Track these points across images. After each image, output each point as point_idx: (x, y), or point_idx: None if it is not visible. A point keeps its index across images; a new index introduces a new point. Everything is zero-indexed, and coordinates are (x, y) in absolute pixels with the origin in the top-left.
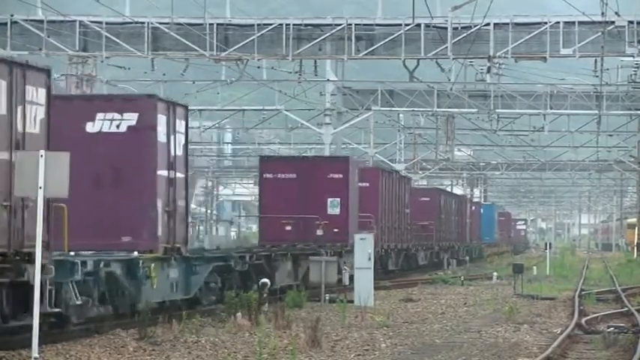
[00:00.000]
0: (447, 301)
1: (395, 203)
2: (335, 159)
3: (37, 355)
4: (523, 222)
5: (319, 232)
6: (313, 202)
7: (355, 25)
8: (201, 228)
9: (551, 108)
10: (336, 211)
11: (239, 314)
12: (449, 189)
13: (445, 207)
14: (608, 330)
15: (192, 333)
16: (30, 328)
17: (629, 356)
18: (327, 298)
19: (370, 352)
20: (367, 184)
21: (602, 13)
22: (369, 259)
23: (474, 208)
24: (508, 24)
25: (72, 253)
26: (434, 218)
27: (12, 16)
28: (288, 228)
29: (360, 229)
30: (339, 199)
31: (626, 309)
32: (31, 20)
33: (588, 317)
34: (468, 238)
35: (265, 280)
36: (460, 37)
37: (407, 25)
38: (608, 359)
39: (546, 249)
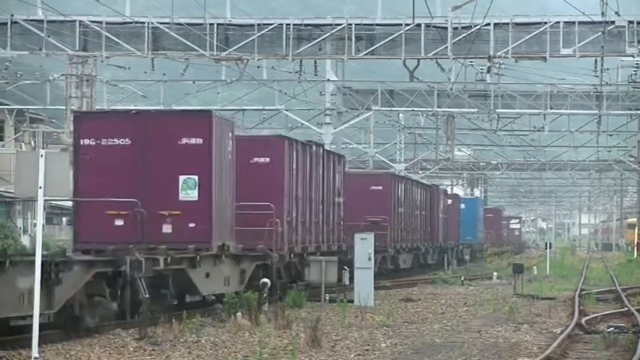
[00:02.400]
0: (447, 301)
1: (318, 189)
2: (190, 114)
3: (37, 355)
4: (517, 220)
5: (166, 229)
6: (158, 183)
7: (355, 25)
8: None
9: (551, 108)
10: (193, 195)
11: (239, 314)
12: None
13: (406, 198)
14: (608, 330)
15: (192, 333)
16: (30, 327)
17: (629, 356)
18: (327, 298)
19: (370, 352)
20: (267, 160)
21: (602, 13)
22: (369, 259)
23: (450, 201)
24: (508, 24)
25: None
26: (388, 212)
27: (12, 16)
28: (119, 223)
29: (246, 224)
30: (196, 178)
31: (626, 309)
32: (31, 20)
33: (588, 317)
34: (441, 237)
35: (265, 279)
36: (460, 37)
37: (407, 25)
38: (608, 359)
39: (546, 249)
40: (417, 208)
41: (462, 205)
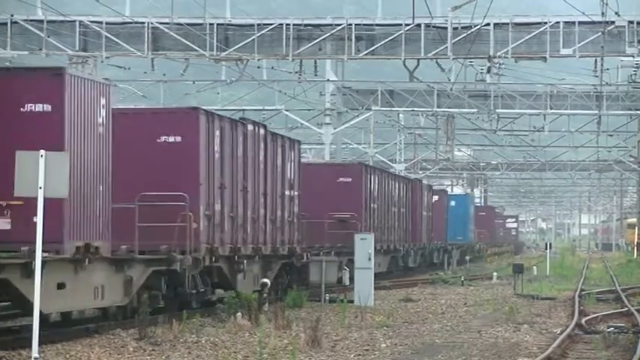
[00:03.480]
0: (447, 301)
1: (258, 178)
2: (36, 73)
3: (37, 355)
4: (514, 219)
5: (3, 225)
6: None
7: (355, 25)
8: None
9: (551, 108)
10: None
11: (239, 314)
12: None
13: (381, 193)
14: (608, 330)
15: (192, 333)
16: (30, 328)
17: (629, 356)
18: (327, 298)
19: (370, 352)
20: (178, 138)
21: (602, 13)
22: (369, 259)
23: (436, 198)
24: (508, 24)
25: None
26: (358, 208)
27: (12, 16)
28: None
29: (151, 219)
30: None
31: (626, 309)
32: (31, 20)
33: (588, 317)
34: (425, 237)
35: (265, 280)
36: (460, 37)
37: (407, 25)
38: (608, 359)
39: (546, 249)
40: (394, 204)
41: (452, 203)
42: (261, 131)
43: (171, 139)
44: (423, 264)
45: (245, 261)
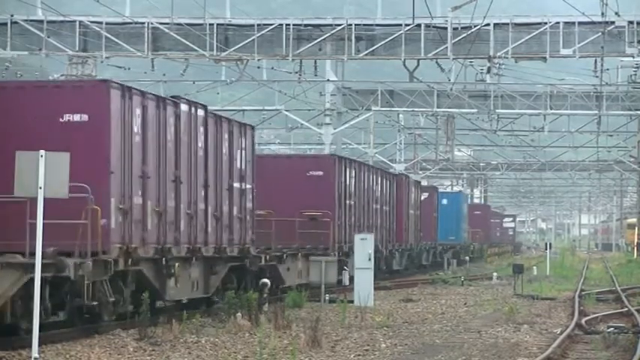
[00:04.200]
0: (447, 302)
1: (196, 167)
2: None
3: (37, 355)
4: (511, 219)
5: None
6: None
7: (355, 25)
8: None
9: (551, 108)
10: None
11: (239, 314)
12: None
13: (358, 188)
14: (608, 330)
15: (192, 333)
16: (30, 328)
17: (629, 356)
18: (327, 298)
19: (370, 352)
20: (85, 117)
21: (602, 14)
22: (369, 259)
23: (425, 195)
24: (508, 24)
25: None
26: (331, 205)
27: (12, 16)
28: None
29: (48, 216)
30: None
31: (626, 309)
32: (31, 20)
33: (588, 317)
34: (412, 237)
35: (265, 280)
36: (460, 37)
37: (407, 25)
38: (608, 359)
39: (546, 249)
40: (376, 201)
41: (444, 201)
42: (200, 112)
43: (76, 117)
44: (410, 266)
45: (177, 264)
